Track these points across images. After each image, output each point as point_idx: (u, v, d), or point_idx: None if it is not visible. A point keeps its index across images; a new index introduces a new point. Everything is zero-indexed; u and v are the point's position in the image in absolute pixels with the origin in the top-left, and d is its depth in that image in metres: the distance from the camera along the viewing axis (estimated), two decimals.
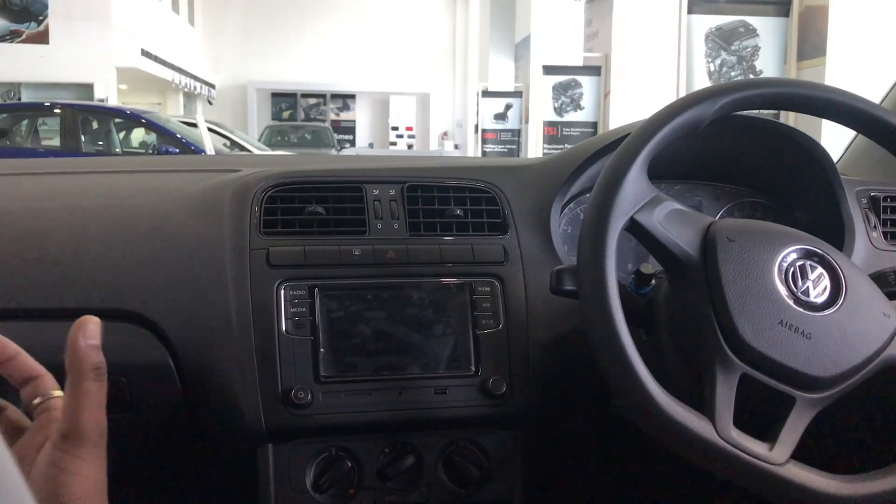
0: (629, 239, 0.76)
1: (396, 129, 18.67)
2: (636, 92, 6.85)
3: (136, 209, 0.97)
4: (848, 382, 0.71)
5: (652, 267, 0.81)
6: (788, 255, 0.74)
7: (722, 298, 0.71)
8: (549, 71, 7.41)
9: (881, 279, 0.80)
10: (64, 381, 0.52)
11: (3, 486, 0.28)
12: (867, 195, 1.04)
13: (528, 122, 9.23)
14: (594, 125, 7.32)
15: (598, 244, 0.70)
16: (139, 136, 8.93)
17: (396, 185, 0.98)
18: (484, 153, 9.23)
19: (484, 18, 14.30)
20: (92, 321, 0.51)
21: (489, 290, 0.91)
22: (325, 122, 18.21)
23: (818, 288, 0.73)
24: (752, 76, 4.23)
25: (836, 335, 0.71)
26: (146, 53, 13.16)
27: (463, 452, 0.90)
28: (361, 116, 19.41)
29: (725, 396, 0.68)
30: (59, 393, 0.56)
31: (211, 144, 5.79)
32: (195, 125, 7.78)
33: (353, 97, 19.17)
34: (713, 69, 4.37)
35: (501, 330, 0.90)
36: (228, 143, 8.65)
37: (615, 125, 3.50)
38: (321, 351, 0.86)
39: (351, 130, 19.22)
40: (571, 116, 7.34)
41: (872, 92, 1.17)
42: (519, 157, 8.74)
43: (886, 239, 1.02)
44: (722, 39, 4.36)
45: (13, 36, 12.19)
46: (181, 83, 15.21)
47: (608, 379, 0.71)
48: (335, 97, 19.14)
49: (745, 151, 1.03)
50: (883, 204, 1.04)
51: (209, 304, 0.87)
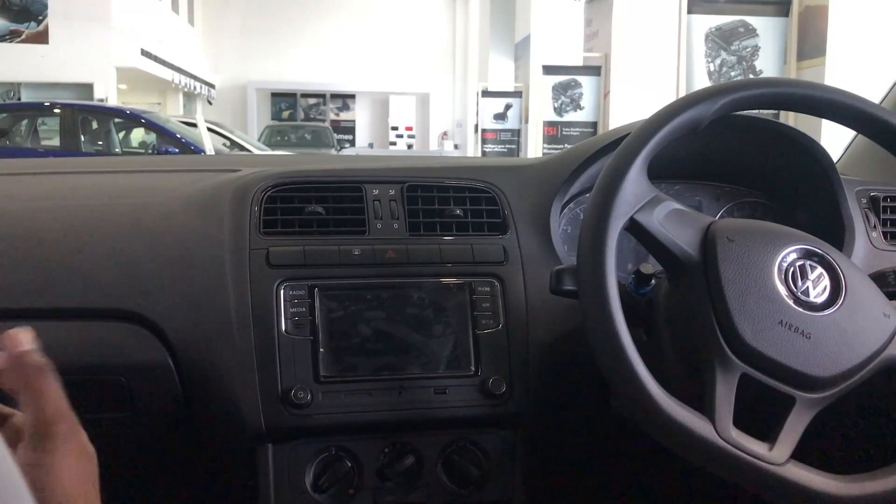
0: (629, 239, 0.76)
1: (396, 128, 18.66)
2: (636, 92, 6.86)
3: (135, 209, 0.97)
4: (848, 382, 0.71)
5: (652, 267, 0.81)
6: (788, 254, 0.74)
7: (722, 298, 0.71)
8: (548, 71, 7.41)
9: (881, 279, 0.80)
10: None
11: (4, 489, 0.28)
12: (867, 195, 1.04)
13: (527, 121, 9.24)
14: (594, 125, 7.32)
15: (597, 244, 0.70)
16: (139, 136, 8.94)
17: (396, 184, 0.98)
18: (484, 153, 9.23)
19: (484, 18, 14.30)
20: (20, 332, 0.52)
21: (489, 290, 0.91)
22: (324, 122, 18.19)
23: (818, 288, 0.73)
24: (751, 76, 4.23)
25: (835, 335, 0.71)
26: (146, 53, 13.15)
27: (463, 452, 0.90)
28: (361, 116, 19.40)
29: (725, 396, 0.68)
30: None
31: (211, 144, 5.80)
32: (195, 125, 7.78)
33: (352, 97, 19.16)
34: (713, 69, 4.37)
35: (501, 330, 0.90)
36: (228, 143, 8.65)
37: (615, 125, 3.50)
38: (321, 351, 0.86)
39: (351, 130, 19.21)
40: (571, 116, 7.35)
41: (872, 92, 1.17)
42: (519, 157, 8.74)
43: (886, 239, 1.02)
44: (722, 39, 4.36)
45: (13, 36, 12.19)
46: (181, 83, 15.20)
47: (608, 379, 0.71)
48: (335, 97, 19.14)
49: (745, 151, 1.03)
50: (883, 204, 1.04)
51: (209, 304, 0.87)
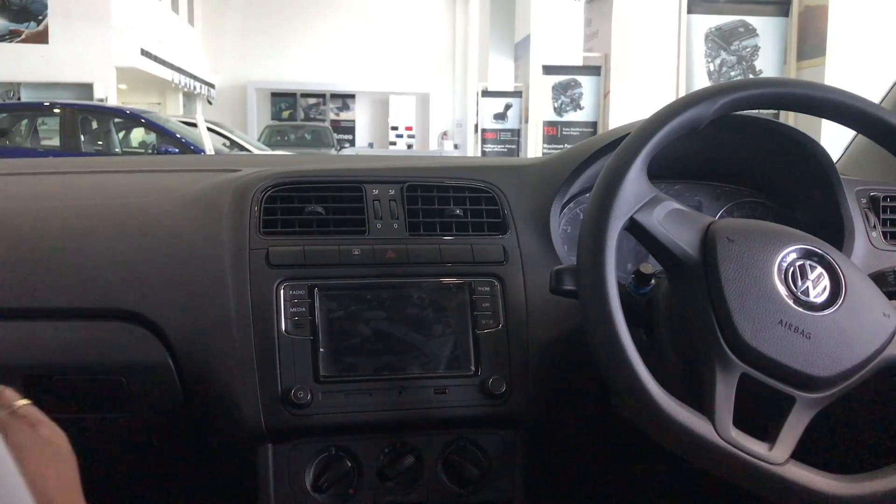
0: (629, 239, 0.76)
1: (396, 128, 18.66)
2: (636, 92, 6.85)
3: (135, 209, 0.97)
4: (848, 382, 0.71)
5: (652, 267, 0.81)
6: (788, 254, 0.74)
7: (722, 298, 0.71)
8: (548, 71, 7.41)
9: (881, 279, 0.80)
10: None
11: (4, 489, 0.28)
12: (867, 195, 1.04)
13: (527, 121, 9.24)
14: (594, 125, 7.32)
15: (597, 244, 0.70)
16: (139, 135, 8.93)
17: (396, 184, 0.98)
18: (484, 153, 9.23)
19: (484, 18, 14.29)
20: None
21: (489, 289, 0.91)
22: (324, 121, 18.19)
23: (818, 288, 0.73)
24: (751, 76, 4.23)
25: (835, 335, 0.71)
26: (146, 53, 13.15)
27: (463, 452, 0.90)
28: (361, 116, 19.40)
29: (725, 396, 0.68)
30: (23, 402, 0.58)
31: (210, 144, 5.79)
32: (195, 125, 7.78)
33: (352, 97, 19.16)
34: (713, 69, 4.37)
35: (501, 330, 0.90)
36: (228, 142, 8.65)
37: (615, 125, 3.49)
38: (321, 351, 0.86)
39: (350, 130, 19.21)
40: (571, 116, 7.34)
41: (872, 92, 1.17)
42: (519, 156, 8.74)
43: (886, 239, 1.02)
44: (722, 39, 4.36)
45: (13, 35, 12.19)
46: (181, 83, 15.20)
47: (608, 379, 0.71)
48: (335, 97, 19.13)
49: (744, 151, 1.03)
50: (882, 204, 1.04)
51: (209, 303, 0.87)
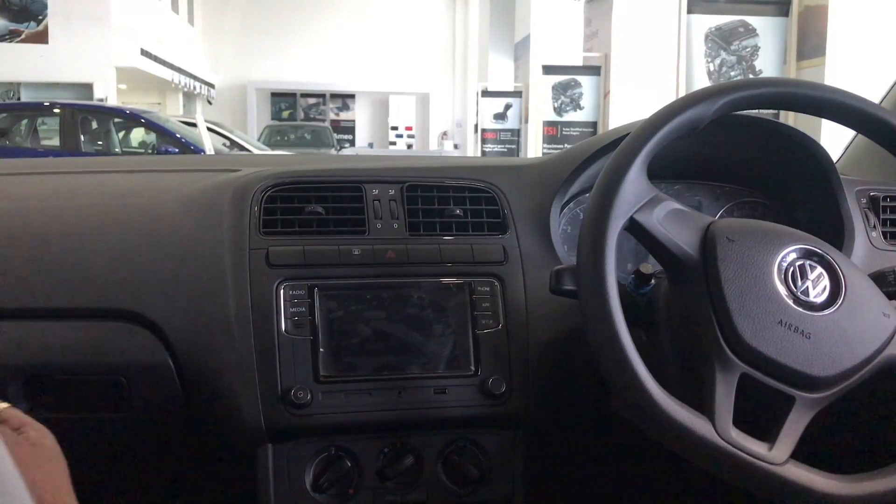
0: (629, 239, 0.76)
1: (396, 128, 18.66)
2: (636, 92, 6.85)
3: (135, 209, 0.97)
4: (847, 382, 0.71)
5: (652, 267, 0.81)
6: (788, 254, 0.74)
7: (721, 298, 0.71)
8: (548, 71, 7.42)
9: (881, 279, 0.80)
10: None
11: (3, 489, 0.28)
12: (867, 195, 1.04)
13: (527, 121, 9.24)
14: (594, 125, 7.32)
15: (597, 244, 0.70)
16: (139, 135, 8.93)
17: (396, 184, 0.98)
18: (484, 153, 9.23)
19: (484, 18, 14.29)
20: None
21: (489, 289, 0.91)
22: (324, 121, 18.19)
23: (818, 288, 0.73)
24: (751, 76, 4.23)
25: (835, 335, 0.71)
26: (146, 53, 13.15)
27: (462, 452, 0.90)
28: (361, 116, 19.40)
29: (725, 396, 0.68)
30: (2, 405, 0.59)
31: (210, 144, 5.79)
32: (195, 125, 7.77)
33: (352, 97, 19.16)
34: (713, 69, 4.38)
35: (501, 330, 0.90)
36: (228, 142, 8.65)
37: (615, 125, 3.49)
38: (321, 351, 0.86)
39: (350, 130, 19.21)
40: (571, 116, 7.35)
41: (872, 92, 1.17)
42: (519, 156, 8.74)
43: (886, 239, 1.02)
44: (721, 39, 4.36)
45: (12, 35, 12.19)
46: (181, 83, 15.20)
47: (608, 379, 0.71)
48: (335, 97, 19.13)
49: (744, 151, 1.03)
50: (882, 204, 1.04)
51: (209, 303, 0.86)
